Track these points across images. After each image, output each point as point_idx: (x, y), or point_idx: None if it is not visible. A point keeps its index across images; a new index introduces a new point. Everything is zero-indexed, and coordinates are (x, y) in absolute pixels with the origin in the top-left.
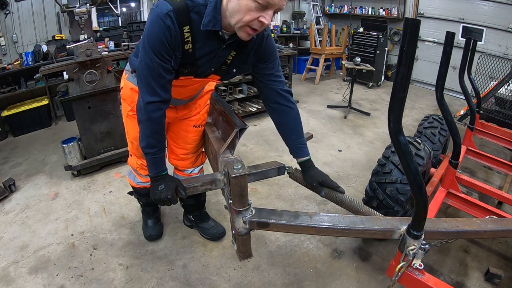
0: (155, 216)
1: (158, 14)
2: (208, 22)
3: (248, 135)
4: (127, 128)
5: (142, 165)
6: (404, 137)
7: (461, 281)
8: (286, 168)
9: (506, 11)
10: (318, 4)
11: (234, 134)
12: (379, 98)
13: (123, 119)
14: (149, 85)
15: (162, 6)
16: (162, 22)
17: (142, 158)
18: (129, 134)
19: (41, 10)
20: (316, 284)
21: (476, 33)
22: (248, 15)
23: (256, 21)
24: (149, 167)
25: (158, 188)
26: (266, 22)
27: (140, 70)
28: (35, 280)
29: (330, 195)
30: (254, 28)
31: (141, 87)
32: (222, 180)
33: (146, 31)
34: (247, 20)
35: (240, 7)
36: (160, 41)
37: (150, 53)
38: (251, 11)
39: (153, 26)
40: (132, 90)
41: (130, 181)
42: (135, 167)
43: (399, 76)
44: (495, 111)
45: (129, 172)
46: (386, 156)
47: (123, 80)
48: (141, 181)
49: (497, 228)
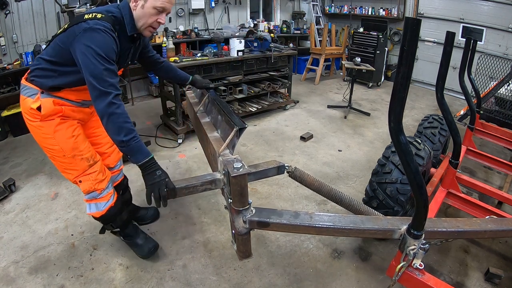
0: (139, 231)
1: (105, 30)
2: (131, 28)
3: (248, 135)
4: (62, 145)
5: (97, 179)
6: (405, 136)
7: (461, 281)
8: (286, 167)
9: (506, 11)
10: (318, 4)
11: (234, 133)
12: (379, 98)
13: (47, 143)
14: (112, 84)
15: (101, 24)
16: (110, 36)
17: (91, 168)
18: (66, 150)
19: (41, 10)
20: (316, 284)
21: (476, 33)
22: (150, 19)
23: (155, 22)
24: (137, 156)
25: (157, 174)
26: (163, 22)
27: (99, 76)
28: (35, 280)
29: (330, 195)
30: (154, 27)
31: (106, 87)
32: (222, 179)
33: (95, 45)
34: (150, 22)
35: (144, 13)
36: (112, 50)
37: (106, 60)
38: (152, 15)
39: (105, 40)
40: (55, 103)
41: (95, 214)
42: (92, 189)
43: (400, 76)
44: (495, 111)
45: (88, 206)
46: (386, 156)
47: (36, 102)
48: (105, 202)
49: (498, 228)
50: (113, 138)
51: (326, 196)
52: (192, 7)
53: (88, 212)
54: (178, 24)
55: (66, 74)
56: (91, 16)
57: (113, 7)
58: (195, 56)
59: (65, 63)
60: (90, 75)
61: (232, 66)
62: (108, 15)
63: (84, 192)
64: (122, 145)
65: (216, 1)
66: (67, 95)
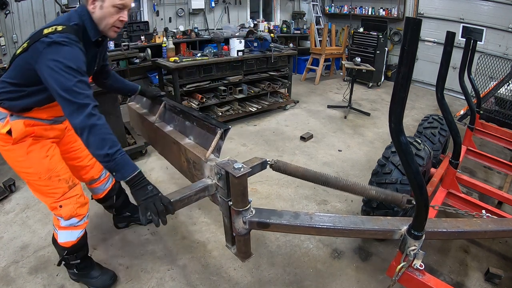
0: (93, 262)
1: (70, 42)
2: (94, 33)
3: (248, 135)
4: (36, 166)
5: (79, 203)
6: (405, 137)
7: (461, 281)
8: (268, 162)
9: (506, 11)
10: (318, 4)
11: (219, 136)
12: (379, 98)
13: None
14: (88, 95)
15: (65, 36)
16: (76, 47)
17: (71, 190)
18: (41, 171)
19: (41, 10)
20: (316, 284)
21: (476, 33)
22: (111, 18)
23: (118, 21)
24: (124, 170)
25: (148, 189)
26: (125, 19)
27: (73, 89)
28: (35, 280)
29: (316, 178)
30: (118, 27)
31: (82, 99)
32: (214, 185)
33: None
34: (112, 22)
35: (105, 14)
36: (82, 61)
37: (77, 72)
38: (113, 14)
39: (72, 52)
40: (26, 124)
41: (67, 243)
42: (74, 214)
43: (400, 76)
44: (495, 111)
45: (61, 235)
46: (386, 157)
47: (6, 126)
48: (81, 231)
49: (498, 228)
50: (96, 153)
51: (313, 180)
52: (192, 7)
53: (60, 241)
54: (178, 24)
55: (35, 94)
56: (51, 30)
57: (73, 14)
58: (195, 56)
59: (32, 83)
60: (62, 89)
61: (232, 66)
62: (70, 25)
63: (65, 218)
64: (107, 159)
65: (216, 1)
66: (38, 114)
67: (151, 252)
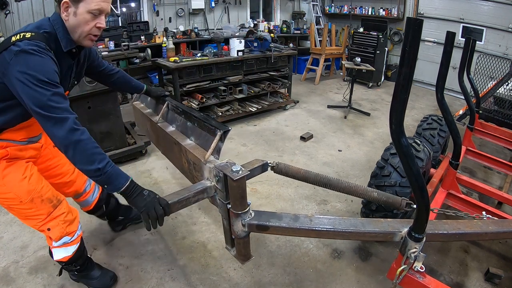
0: (93, 263)
1: (39, 51)
2: (66, 44)
3: (248, 135)
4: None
5: (67, 221)
6: (406, 139)
7: (461, 282)
8: (269, 164)
9: (506, 11)
10: (318, 4)
11: (218, 137)
12: (379, 98)
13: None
14: (65, 108)
15: (33, 44)
16: (46, 56)
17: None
18: (21, 195)
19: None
20: (316, 284)
21: (476, 33)
22: (87, 26)
23: (94, 28)
24: (117, 181)
25: (145, 194)
26: (103, 25)
27: (48, 104)
28: (35, 280)
29: (317, 180)
30: (95, 34)
31: (60, 113)
32: (213, 187)
33: (33, 70)
34: (87, 30)
35: (79, 21)
36: (53, 71)
37: (50, 85)
38: (89, 21)
39: (42, 62)
40: None
41: (64, 258)
42: (64, 234)
43: (401, 77)
44: (494, 111)
45: (56, 252)
46: (385, 159)
47: None
48: (76, 245)
49: (498, 230)
50: (85, 169)
51: (314, 182)
52: (192, 7)
53: (56, 258)
54: (178, 24)
55: (5, 111)
56: (19, 37)
57: (45, 21)
58: (195, 56)
59: (2, 98)
60: (36, 106)
61: (232, 66)
62: (40, 32)
63: (55, 240)
64: (98, 174)
65: (216, 1)
66: (10, 136)
67: (151, 252)
